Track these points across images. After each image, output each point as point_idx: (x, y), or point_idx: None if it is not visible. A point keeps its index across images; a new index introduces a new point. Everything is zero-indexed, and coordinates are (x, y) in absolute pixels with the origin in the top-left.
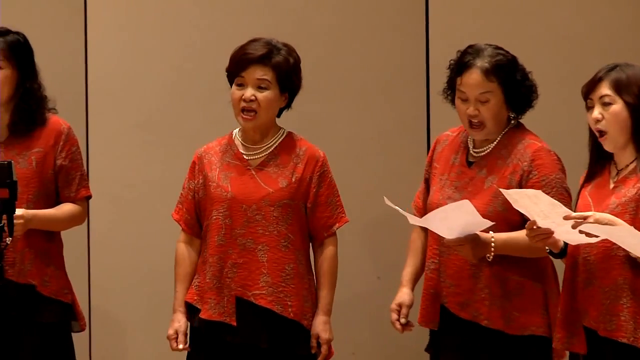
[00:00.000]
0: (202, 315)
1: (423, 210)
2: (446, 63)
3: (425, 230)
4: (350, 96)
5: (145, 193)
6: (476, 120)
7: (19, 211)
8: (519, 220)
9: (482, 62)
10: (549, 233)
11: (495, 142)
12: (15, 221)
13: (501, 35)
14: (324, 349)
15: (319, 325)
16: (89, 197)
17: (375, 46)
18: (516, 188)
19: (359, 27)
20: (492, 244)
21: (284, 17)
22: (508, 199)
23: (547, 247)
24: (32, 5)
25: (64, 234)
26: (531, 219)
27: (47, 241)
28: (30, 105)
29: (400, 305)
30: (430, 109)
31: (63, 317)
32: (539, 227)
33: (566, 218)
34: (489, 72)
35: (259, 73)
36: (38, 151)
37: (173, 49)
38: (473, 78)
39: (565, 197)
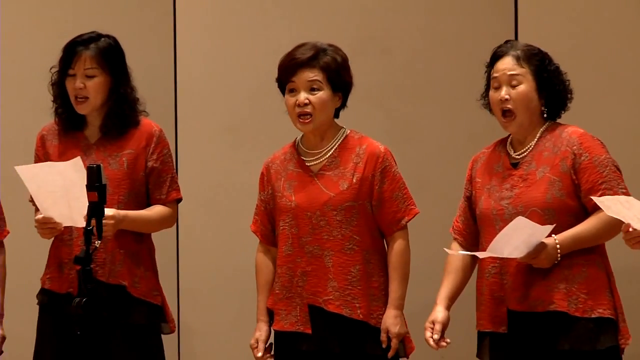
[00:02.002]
0: (275, 326)
1: (464, 233)
2: None
3: (469, 250)
4: (441, 99)
5: (234, 196)
6: (508, 107)
7: (109, 211)
8: (577, 205)
9: (514, 51)
10: None
11: (535, 140)
12: (105, 221)
13: (591, 38)
14: (393, 342)
15: (389, 319)
16: (180, 199)
17: (465, 49)
18: (569, 173)
19: (449, 30)
20: (558, 249)
21: (374, 19)
22: (600, 206)
23: None
24: (121, 9)
25: (153, 237)
26: (625, 222)
27: (138, 243)
28: (124, 109)
29: (433, 322)
30: None
31: (153, 318)
32: (634, 230)
33: None
34: (520, 58)
35: (309, 75)
36: (129, 153)
37: (261, 52)
38: (505, 62)
39: (619, 175)
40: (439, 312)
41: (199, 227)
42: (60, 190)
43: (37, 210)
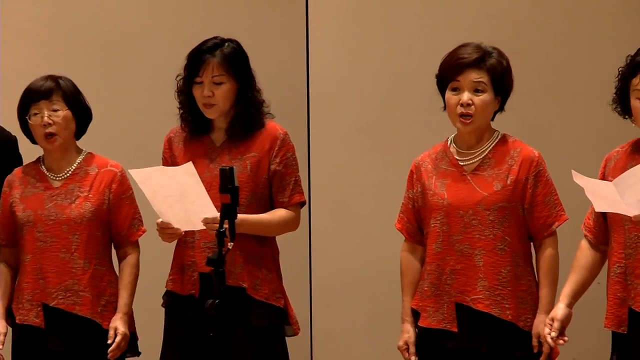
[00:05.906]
0: (421, 323)
1: (594, 230)
2: None
3: (598, 247)
4: (570, 101)
5: (365, 198)
6: None
7: None
8: None
9: None
10: None
11: None
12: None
13: None
14: (545, 347)
15: (540, 325)
16: (303, 203)
17: (596, 51)
18: None
19: (580, 32)
20: None
21: (506, 21)
22: None
23: None
24: (254, 10)
25: (284, 240)
26: None
27: (259, 246)
28: (251, 113)
29: (552, 319)
30: None
31: (274, 320)
32: None
33: None
34: None
35: (475, 76)
36: (253, 156)
37: (393, 54)
38: None
39: None
40: (559, 310)
41: (331, 228)
42: (175, 194)
43: None
